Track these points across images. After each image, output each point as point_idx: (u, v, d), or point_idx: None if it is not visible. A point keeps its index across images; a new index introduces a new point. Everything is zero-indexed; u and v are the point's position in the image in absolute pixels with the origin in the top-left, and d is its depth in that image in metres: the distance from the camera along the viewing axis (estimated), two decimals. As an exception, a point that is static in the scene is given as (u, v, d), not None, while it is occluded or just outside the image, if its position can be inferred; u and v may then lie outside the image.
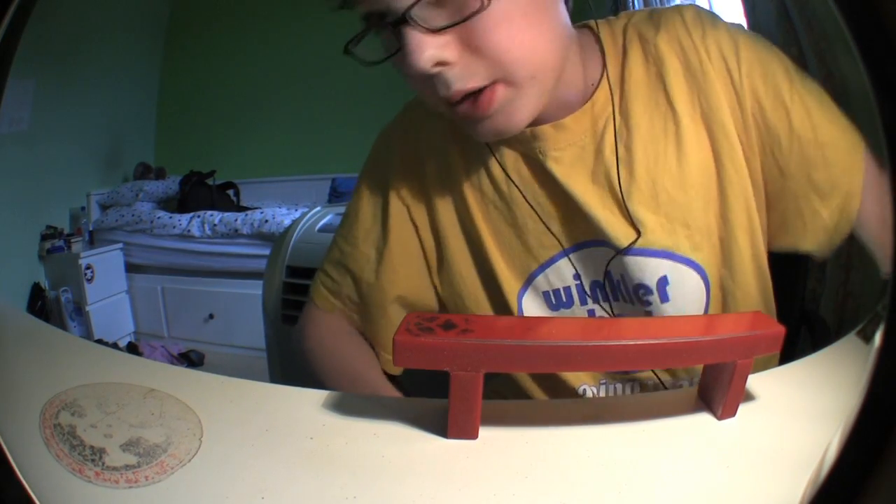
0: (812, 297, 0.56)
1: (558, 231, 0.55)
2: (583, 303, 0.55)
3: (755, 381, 0.41)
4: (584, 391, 0.56)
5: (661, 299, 0.52)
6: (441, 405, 0.38)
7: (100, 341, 1.32)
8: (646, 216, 0.52)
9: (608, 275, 0.54)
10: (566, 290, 0.55)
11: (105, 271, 1.49)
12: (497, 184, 0.55)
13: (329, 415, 0.40)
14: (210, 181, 1.58)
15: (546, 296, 0.56)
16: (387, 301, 0.59)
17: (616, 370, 0.54)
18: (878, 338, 0.28)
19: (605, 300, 0.55)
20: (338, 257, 0.62)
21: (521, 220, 0.55)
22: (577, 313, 0.56)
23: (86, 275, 1.41)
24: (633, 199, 0.52)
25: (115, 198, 1.58)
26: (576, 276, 0.55)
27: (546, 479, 0.35)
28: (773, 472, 0.35)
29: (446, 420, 0.37)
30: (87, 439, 0.37)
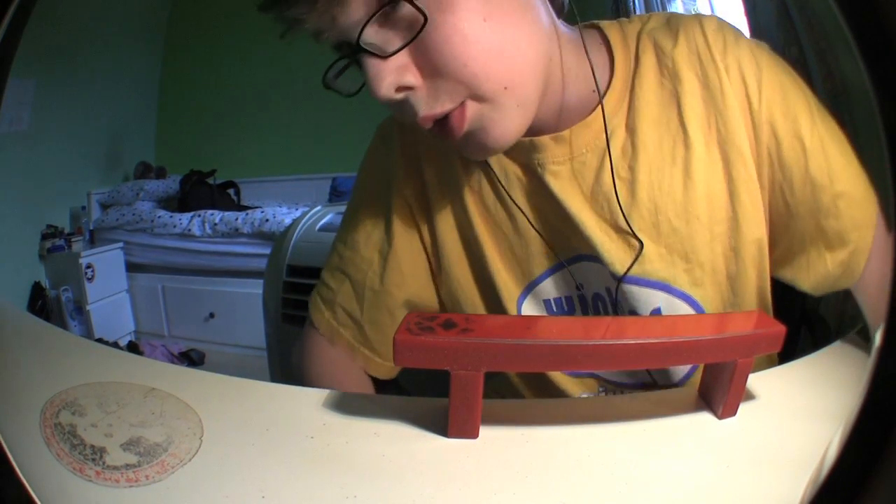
0: (812, 297, 0.55)
1: (559, 243, 0.52)
2: (584, 313, 0.54)
3: (755, 381, 0.41)
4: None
5: None
6: (441, 405, 0.38)
7: (100, 340, 1.32)
8: (645, 244, 0.49)
9: (608, 290, 0.52)
10: (567, 299, 0.54)
11: (105, 270, 1.49)
12: (498, 190, 0.53)
13: (329, 414, 0.40)
14: (210, 180, 1.59)
15: (547, 304, 0.55)
16: (395, 306, 0.56)
17: (616, 370, 0.54)
18: (878, 338, 0.28)
19: (605, 313, 0.54)
20: (337, 263, 0.59)
21: (522, 228, 0.53)
22: None
23: (86, 274, 1.41)
24: (633, 224, 0.49)
25: (116, 197, 1.58)
26: (578, 287, 0.53)
27: (546, 479, 0.35)
28: (773, 472, 0.35)
29: (447, 419, 0.37)
30: (88, 438, 0.37)
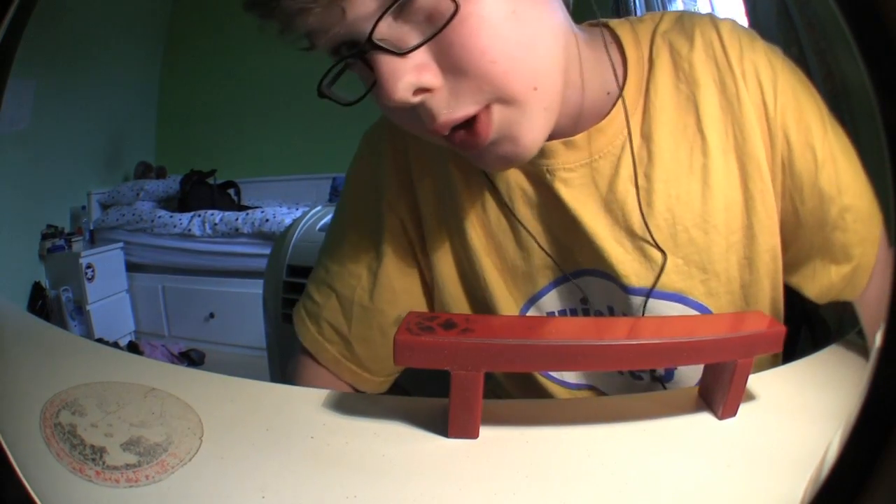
0: (813, 298, 0.55)
1: (565, 257, 0.50)
2: None
3: (755, 381, 0.41)
4: None
5: None
6: (441, 405, 0.38)
7: (100, 340, 1.31)
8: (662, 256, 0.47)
9: (611, 309, 0.51)
10: (572, 311, 0.53)
11: (105, 270, 1.49)
12: (500, 202, 0.51)
13: (329, 414, 0.40)
14: (211, 180, 1.58)
15: (550, 316, 0.53)
16: (387, 324, 0.54)
17: (616, 370, 0.54)
18: (878, 338, 0.28)
19: None
20: (323, 276, 0.55)
21: (525, 241, 0.51)
22: None
23: (86, 274, 1.41)
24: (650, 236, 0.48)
25: (116, 197, 1.58)
26: (583, 301, 0.51)
27: (546, 479, 0.35)
28: (773, 472, 0.35)
29: (447, 419, 0.37)
30: (88, 438, 0.37)
